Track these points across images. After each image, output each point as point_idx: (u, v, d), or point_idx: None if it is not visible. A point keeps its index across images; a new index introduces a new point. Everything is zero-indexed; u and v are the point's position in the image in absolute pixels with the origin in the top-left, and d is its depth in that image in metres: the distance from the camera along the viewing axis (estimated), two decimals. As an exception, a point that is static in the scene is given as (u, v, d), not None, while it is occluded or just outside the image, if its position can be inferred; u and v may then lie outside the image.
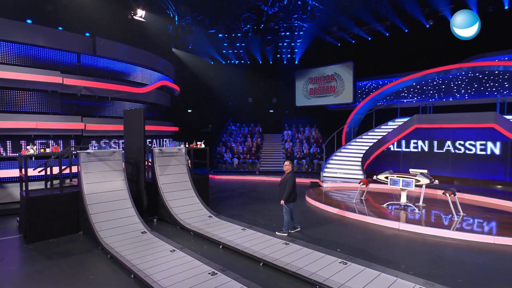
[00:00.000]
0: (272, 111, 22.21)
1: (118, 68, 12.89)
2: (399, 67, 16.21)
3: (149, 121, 12.89)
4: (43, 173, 8.46)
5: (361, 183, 9.78)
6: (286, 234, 6.94)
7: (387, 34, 16.22)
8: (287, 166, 7.06)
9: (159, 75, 15.15)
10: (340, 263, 5.34)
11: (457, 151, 12.27)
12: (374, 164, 13.70)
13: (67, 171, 8.92)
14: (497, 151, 11.42)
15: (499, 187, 11.26)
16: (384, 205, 9.16)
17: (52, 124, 10.31)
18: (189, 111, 22.21)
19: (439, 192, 10.19)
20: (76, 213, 7.26)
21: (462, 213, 8.15)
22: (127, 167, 8.51)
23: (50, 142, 10.42)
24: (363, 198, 10.17)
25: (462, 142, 12.15)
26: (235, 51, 20.61)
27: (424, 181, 8.52)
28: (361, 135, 15.28)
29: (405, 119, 13.32)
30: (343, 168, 13.45)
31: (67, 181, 8.85)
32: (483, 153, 11.70)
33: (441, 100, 15.21)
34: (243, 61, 21.47)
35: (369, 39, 17.07)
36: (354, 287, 4.53)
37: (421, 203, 8.96)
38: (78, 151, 7.45)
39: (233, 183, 14.37)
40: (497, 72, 13.59)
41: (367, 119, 15.97)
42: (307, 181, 13.54)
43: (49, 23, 11.17)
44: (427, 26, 14.67)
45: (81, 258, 5.88)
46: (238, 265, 5.52)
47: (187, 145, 9.63)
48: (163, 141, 8.90)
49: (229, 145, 18.37)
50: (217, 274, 4.94)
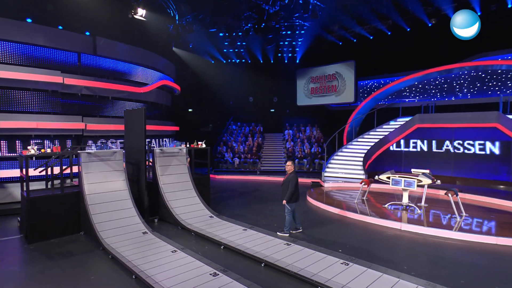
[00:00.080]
0: (273, 110, 22.15)
1: (118, 67, 12.86)
2: (401, 66, 16.14)
3: (149, 120, 12.90)
4: (44, 173, 8.45)
5: (363, 183, 9.74)
6: (288, 235, 6.92)
7: (389, 33, 16.16)
8: (289, 166, 7.03)
9: (160, 75, 15.12)
10: (341, 264, 5.31)
11: (459, 151, 12.19)
12: (376, 164, 13.65)
13: (67, 171, 8.91)
14: (499, 151, 11.34)
15: (502, 187, 11.19)
16: (386, 205, 9.12)
17: (52, 124, 10.27)
18: (190, 110, 22.19)
19: (441, 192, 10.12)
20: (77, 213, 7.25)
21: (464, 214, 8.11)
22: (128, 167, 8.49)
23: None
24: (364, 198, 10.13)
25: (463, 142, 12.06)
26: (236, 50, 20.56)
27: (426, 181, 8.48)
28: (363, 134, 15.22)
29: (407, 119, 13.26)
30: (345, 168, 13.41)
31: (68, 181, 8.84)
32: (485, 153, 11.62)
33: (443, 100, 15.14)
34: (244, 60, 21.41)
35: (371, 38, 17.00)
36: (356, 288, 4.50)
37: (423, 203, 8.93)
38: (79, 151, 7.44)
39: (234, 183, 14.34)
40: (500, 71, 13.50)
41: (368, 118, 15.91)
42: (308, 181, 13.51)
43: (49, 22, 11.14)
44: (429, 25, 14.62)
45: (82, 259, 5.87)
46: (239, 265, 5.51)
47: (188, 145, 9.62)
48: (163, 140, 8.87)
49: (230, 144, 18.34)
50: (218, 274, 4.93)
